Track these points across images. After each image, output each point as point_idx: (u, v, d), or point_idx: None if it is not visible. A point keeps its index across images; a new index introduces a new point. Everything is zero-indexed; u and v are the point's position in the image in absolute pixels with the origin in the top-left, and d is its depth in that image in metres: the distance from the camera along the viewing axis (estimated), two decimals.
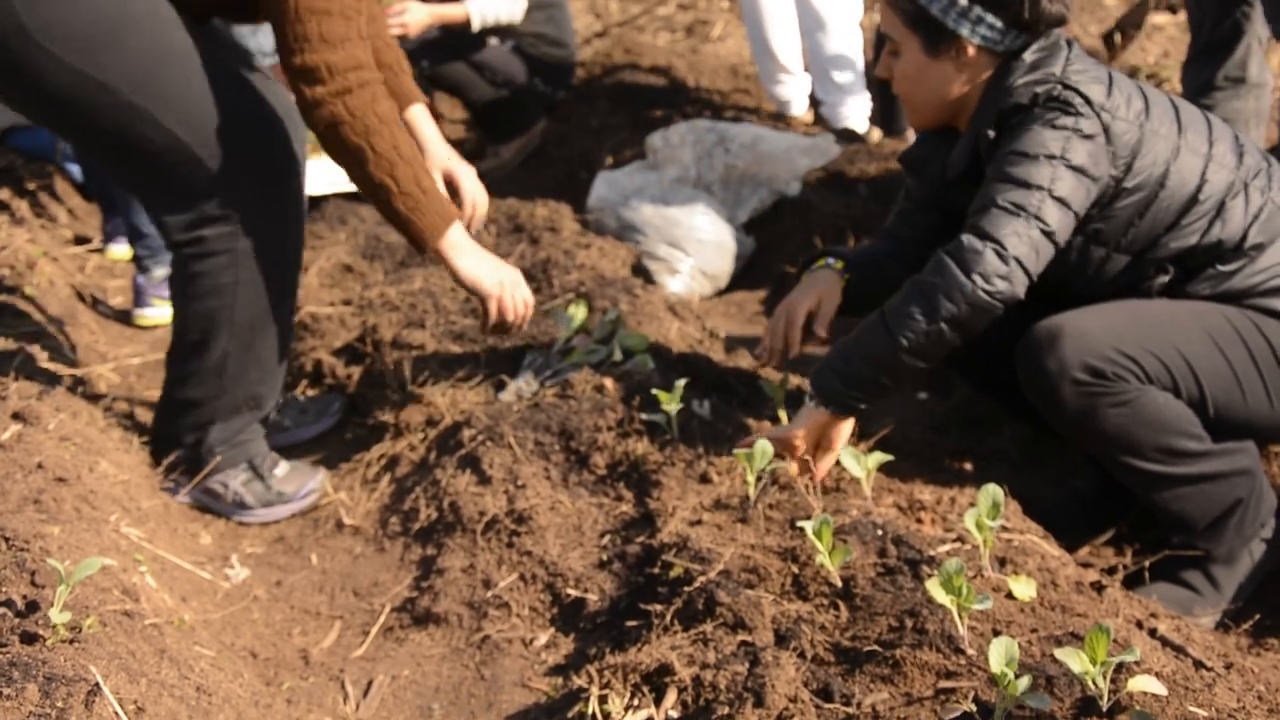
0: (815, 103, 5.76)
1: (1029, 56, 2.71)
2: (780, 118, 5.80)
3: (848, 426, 2.80)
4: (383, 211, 2.91)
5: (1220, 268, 2.74)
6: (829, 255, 3.12)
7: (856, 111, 5.59)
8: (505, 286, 3.07)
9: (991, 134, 2.72)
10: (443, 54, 5.52)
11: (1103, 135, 2.66)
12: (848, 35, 5.50)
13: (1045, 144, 2.62)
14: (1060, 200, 2.61)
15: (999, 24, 2.70)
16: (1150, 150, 2.69)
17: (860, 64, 5.57)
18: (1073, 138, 2.63)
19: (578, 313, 3.45)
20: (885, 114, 5.44)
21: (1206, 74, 4.15)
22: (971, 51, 2.74)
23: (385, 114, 2.84)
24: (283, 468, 3.22)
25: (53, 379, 3.38)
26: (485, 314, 3.10)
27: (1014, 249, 2.59)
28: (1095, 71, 2.72)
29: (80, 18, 2.73)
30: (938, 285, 2.61)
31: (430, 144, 3.38)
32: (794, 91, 5.78)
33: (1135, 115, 2.70)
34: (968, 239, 2.62)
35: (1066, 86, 2.67)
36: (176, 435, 3.15)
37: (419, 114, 3.40)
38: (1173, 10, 7.33)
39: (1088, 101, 2.66)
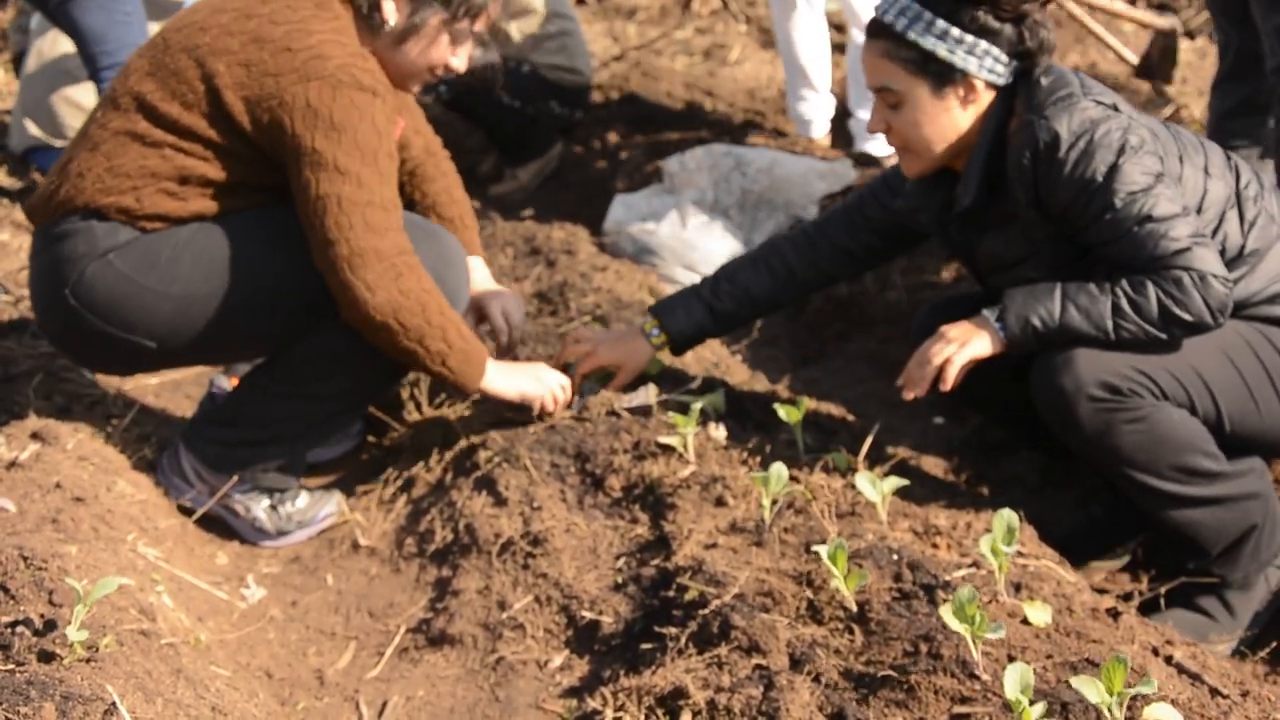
0: (836, 125, 5.76)
1: (1044, 80, 2.72)
2: (798, 142, 5.80)
3: (985, 346, 2.77)
4: (436, 372, 2.97)
5: None
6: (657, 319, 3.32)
7: (817, 113, 5.59)
8: (546, 385, 3.20)
9: (1026, 162, 2.69)
10: (461, 79, 5.54)
11: (1148, 139, 2.69)
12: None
13: (1144, 169, 2.63)
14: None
15: (1003, 56, 2.73)
16: (1165, 163, 2.71)
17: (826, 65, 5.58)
18: (1149, 150, 2.66)
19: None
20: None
21: (1235, 96, 4.14)
22: (979, 87, 2.75)
23: (430, 285, 2.90)
24: (303, 498, 3.23)
25: (71, 398, 3.40)
26: (533, 411, 3.24)
27: (1228, 277, 2.61)
28: (1105, 90, 2.75)
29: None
30: (1181, 319, 2.60)
31: (478, 286, 3.44)
32: (816, 111, 5.78)
33: (1146, 126, 2.74)
34: (1207, 277, 2.58)
35: (1098, 103, 2.68)
36: (231, 440, 3.14)
37: (475, 265, 3.46)
38: (1190, 36, 7.33)
39: (1117, 109, 2.69)
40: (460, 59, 3.04)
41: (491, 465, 3.11)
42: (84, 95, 5.28)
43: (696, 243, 4.71)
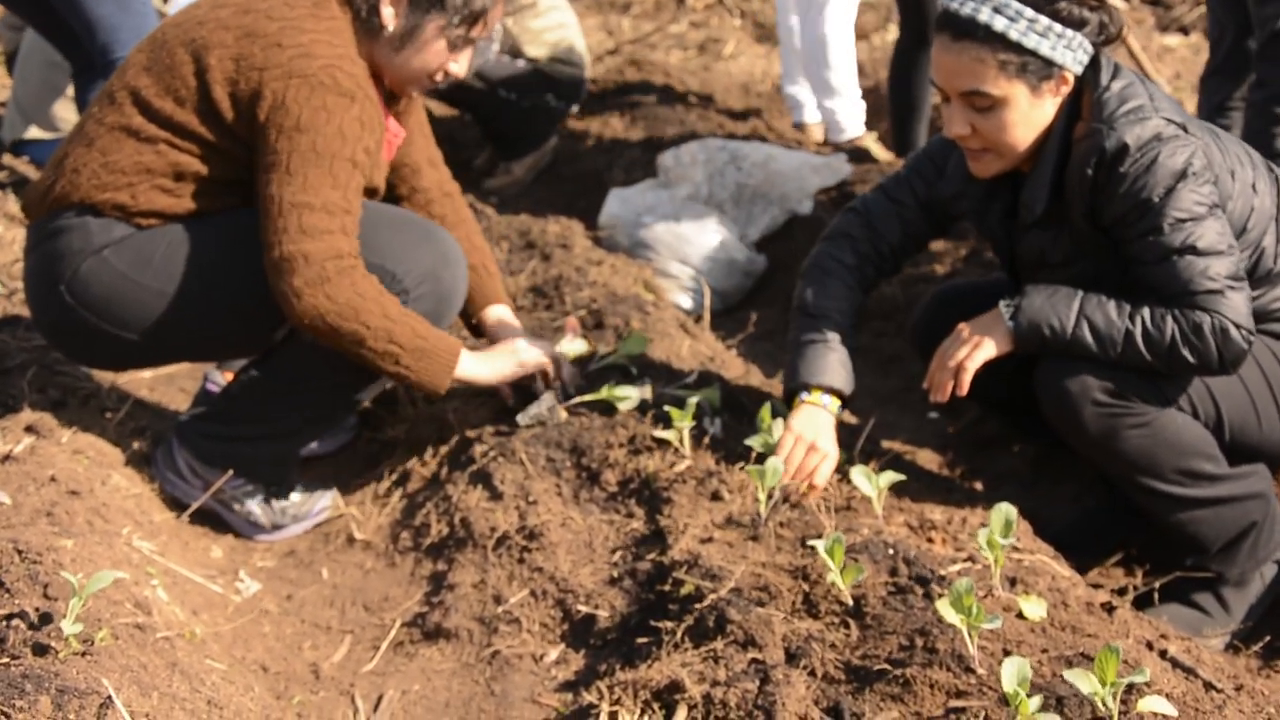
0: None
1: (1114, 86, 2.64)
2: (794, 136, 5.81)
3: (998, 346, 2.76)
4: (393, 374, 2.93)
5: None
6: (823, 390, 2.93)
7: (852, 117, 5.58)
8: (524, 361, 3.17)
9: (1089, 172, 2.62)
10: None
11: (1209, 163, 2.62)
12: (843, 38, 5.50)
13: (1199, 199, 2.56)
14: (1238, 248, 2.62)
15: (1089, 45, 2.63)
16: (1218, 181, 2.65)
17: (854, 69, 5.57)
18: (1209, 179, 2.59)
19: (571, 348, 3.42)
20: (899, 139, 5.44)
21: (1224, 91, 4.14)
22: (1069, 80, 2.65)
23: (366, 289, 2.83)
24: (298, 493, 3.22)
25: (66, 392, 3.40)
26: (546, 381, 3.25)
27: (1252, 328, 2.58)
28: (1169, 99, 2.69)
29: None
30: (1188, 362, 2.58)
31: (506, 333, 3.40)
32: (808, 95, 5.81)
33: (1205, 144, 2.66)
34: (1230, 328, 2.55)
35: (1168, 120, 2.60)
36: (225, 435, 3.13)
37: (503, 313, 3.44)
38: (1184, 31, 7.33)
39: (1185, 130, 2.61)
40: (460, 64, 3.03)
41: (487, 459, 3.10)
42: None
43: (691, 237, 4.71)
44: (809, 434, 2.85)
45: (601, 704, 2.27)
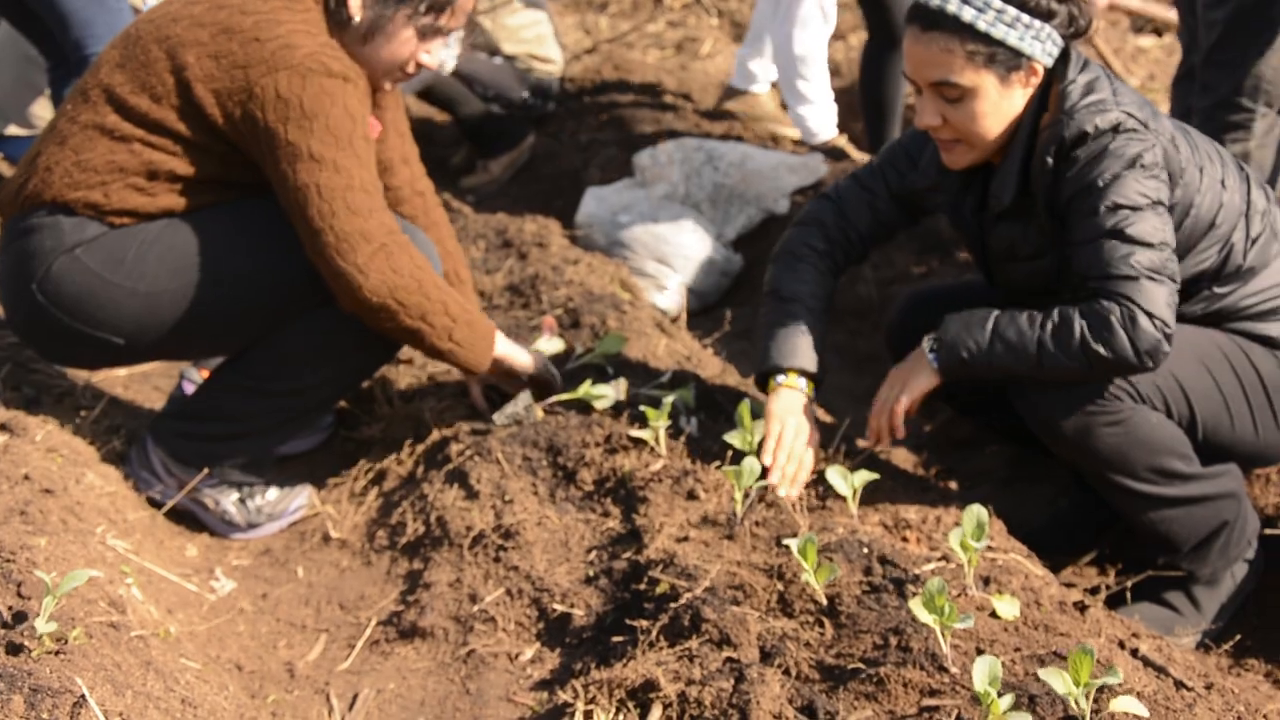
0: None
1: (1080, 78, 2.66)
2: (770, 135, 5.81)
3: (925, 383, 2.80)
4: (445, 350, 2.98)
5: (1215, 289, 2.76)
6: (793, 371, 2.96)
7: (824, 122, 5.58)
8: (547, 365, 3.25)
9: (1049, 160, 2.65)
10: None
11: (1164, 160, 2.63)
12: (815, 47, 5.50)
13: (1144, 190, 2.57)
14: (1173, 250, 2.60)
15: (1058, 36, 2.64)
16: (1184, 177, 2.67)
17: (825, 73, 5.57)
18: (1158, 174, 2.60)
19: (548, 347, 3.42)
20: (873, 140, 5.44)
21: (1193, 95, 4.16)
22: (1038, 71, 2.66)
23: (422, 261, 2.90)
24: (273, 491, 3.22)
25: (40, 390, 3.38)
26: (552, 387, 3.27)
27: (1171, 322, 2.57)
28: (1135, 94, 2.71)
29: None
30: (1104, 357, 2.56)
31: None
32: (761, 69, 5.82)
33: (1171, 140, 2.68)
34: (1138, 315, 2.54)
35: (1129, 114, 2.61)
36: (199, 434, 3.12)
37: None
38: (1158, 33, 7.37)
39: (1146, 126, 2.62)
40: (432, 55, 3.02)
41: (463, 458, 3.10)
42: None
43: (668, 236, 4.72)
44: (792, 419, 2.89)
45: (577, 703, 2.27)
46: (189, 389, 3.40)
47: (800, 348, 2.96)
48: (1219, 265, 2.73)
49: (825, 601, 2.40)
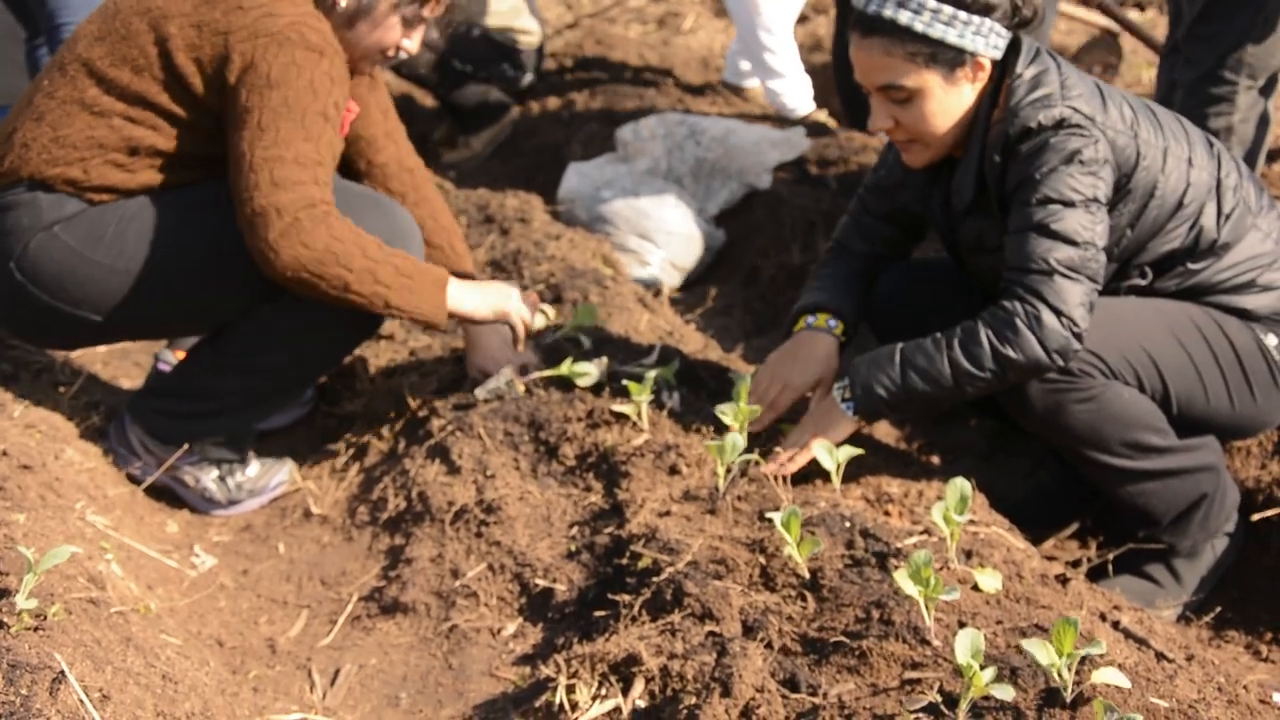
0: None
1: (1026, 73, 2.65)
2: (752, 110, 5.80)
3: (842, 432, 2.79)
4: (388, 314, 2.89)
5: (1190, 265, 2.76)
6: (822, 310, 3.00)
7: (797, 96, 5.57)
8: (517, 304, 3.16)
9: (997, 158, 2.66)
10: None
11: (1110, 155, 2.62)
12: (778, 21, 5.49)
13: (1077, 187, 2.57)
14: (1101, 249, 2.59)
15: (1002, 29, 2.63)
16: (1143, 161, 2.66)
17: (794, 47, 5.56)
18: (1097, 171, 2.59)
19: (537, 321, 3.40)
20: (852, 115, 5.43)
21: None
22: (985, 65, 2.65)
23: (342, 233, 2.78)
24: (253, 467, 3.20)
25: (18, 365, 3.36)
26: (516, 338, 3.21)
27: (1082, 320, 2.56)
28: (1086, 85, 2.68)
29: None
30: (1014, 360, 2.57)
31: None
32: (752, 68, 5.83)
33: (1129, 126, 2.66)
34: (1043, 313, 2.55)
35: (1075, 109, 2.60)
36: (177, 411, 3.11)
37: None
38: (1140, 8, 7.37)
39: (1092, 121, 2.61)
40: (413, 41, 3.00)
41: (445, 433, 3.10)
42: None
43: (650, 211, 4.71)
44: (783, 370, 2.92)
45: (559, 677, 2.27)
46: (165, 370, 3.37)
47: (834, 288, 3.02)
48: (1192, 243, 2.73)
49: (807, 575, 2.40)
